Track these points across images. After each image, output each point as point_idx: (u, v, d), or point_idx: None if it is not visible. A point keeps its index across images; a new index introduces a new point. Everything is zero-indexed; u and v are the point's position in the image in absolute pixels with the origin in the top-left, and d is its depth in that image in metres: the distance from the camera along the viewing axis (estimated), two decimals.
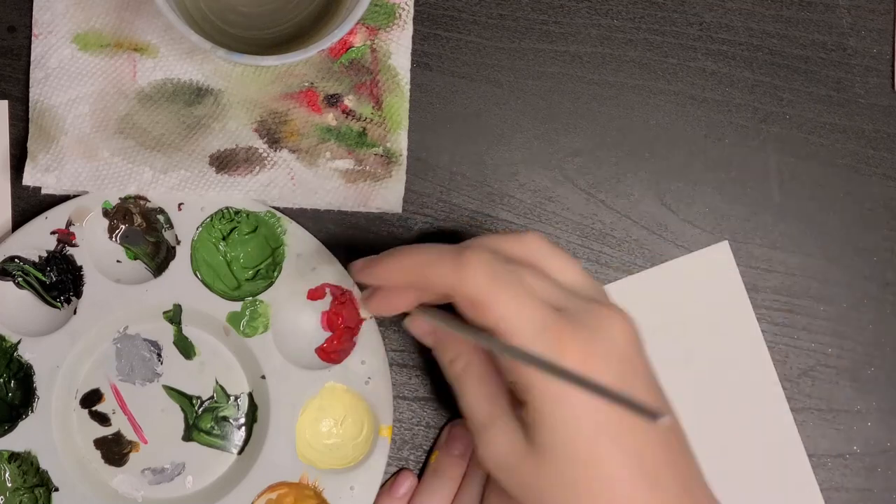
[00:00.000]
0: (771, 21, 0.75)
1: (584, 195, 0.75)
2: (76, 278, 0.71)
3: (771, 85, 0.75)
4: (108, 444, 0.72)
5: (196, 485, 0.72)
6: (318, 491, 0.71)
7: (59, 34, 0.71)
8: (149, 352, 0.72)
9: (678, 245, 0.75)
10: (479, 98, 0.74)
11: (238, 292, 0.72)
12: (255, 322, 0.71)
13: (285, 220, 0.72)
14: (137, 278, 0.72)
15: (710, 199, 0.75)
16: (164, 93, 0.72)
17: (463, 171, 0.74)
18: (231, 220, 0.72)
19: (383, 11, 0.73)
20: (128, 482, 0.72)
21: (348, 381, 0.72)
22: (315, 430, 0.72)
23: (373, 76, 0.73)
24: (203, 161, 0.71)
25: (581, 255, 0.74)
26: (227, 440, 0.72)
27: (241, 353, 0.72)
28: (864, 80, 0.75)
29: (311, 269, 0.72)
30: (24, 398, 0.71)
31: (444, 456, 0.72)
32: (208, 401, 0.72)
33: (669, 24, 0.75)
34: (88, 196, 0.71)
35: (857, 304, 0.75)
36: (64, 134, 0.71)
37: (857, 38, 0.76)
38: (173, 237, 0.71)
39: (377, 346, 0.72)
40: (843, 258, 0.75)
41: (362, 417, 0.72)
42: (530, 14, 0.75)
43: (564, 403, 0.58)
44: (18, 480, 0.71)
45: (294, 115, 0.72)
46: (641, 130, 0.75)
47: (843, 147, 0.75)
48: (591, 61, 0.75)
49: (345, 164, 0.72)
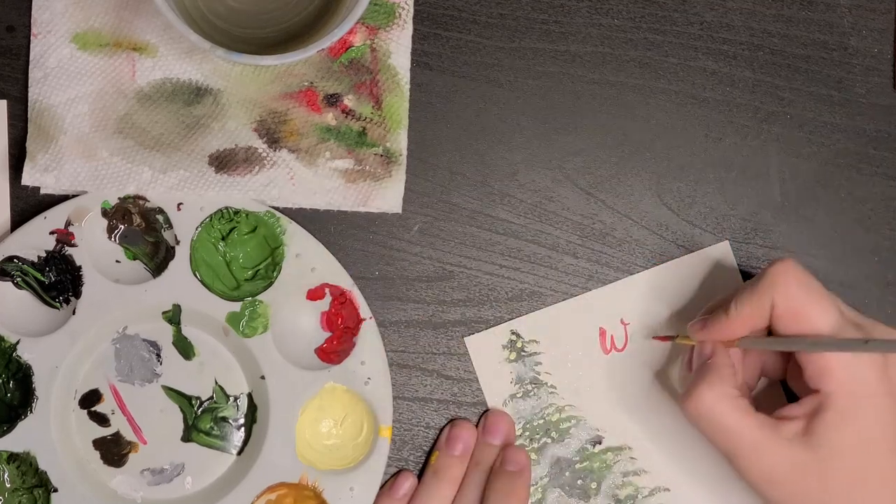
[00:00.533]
0: (772, 20, 0.75)
1: (585, 195, 0.74)
2: (75, 278, 0.71)
3: (772, 84, 0.75)
4: (108, 445, 0.72)
5: (195, 485, 0.72)
6: (317, 492, 0.71)
7: (57, 34, 0.71)
8: (148, 352, 0.72)
9: (679, 245, 0.74)
10: (479, 98, 0.74)
11: (237, 292, 0.72)
12: (255, 322, 0.71)
13: (284, 220, 0.72)
14: (136, 278, 0.71)
15: (710, 199, 0.75)
16: (164, 92, 0.71)
17: (463, 171, 0.74)
18: (230, 220, 0.72)
19: (383, 11, 0.73)
20: (127, 483, 0.72)
21: (348, 382, 0.71)
22: (315, 430, 0.72)
23: (372, 76, 0.73)
24: (202, 161, 0.71)
25: (581, 254, 0.74)
26: (227, 441, 0.72)
27: (241, 354, 0.72)
28: (865, 80, 0.75)
29: (311, 269, 0.72)
30: (23, 399, 0.71)
31: (444, 456, 0.72)
32: (207, 401, 0.72)
33: (670, 23, 0.75)
34: (87, 196, 0.71)
35: (859, 304, 0.74)
36: (63, 134, 0.71)
37: (858, 37, 0.75)
38: (172, 237, 0.71)
39: (377, 346, 0.72)
40: (845, 258, 0.75)
41: (362, 418, 0.72)
42: (530, 13, 0.74)
43: (867, 404, 0.63)
44: (17, 481, 0.71)
45: (294, 114, 0.72)
46: (642, 130, 0.75)
47: (844, 147, 0.75)
48: (591, 61, 0.75)
49: (344, 163, 0.72)
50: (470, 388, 0.74)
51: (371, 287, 0.73)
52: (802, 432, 0.63)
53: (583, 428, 0.74)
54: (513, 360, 0.74)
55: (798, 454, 0.63)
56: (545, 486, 0.74)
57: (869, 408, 0.63)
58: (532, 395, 0.74)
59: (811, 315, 0.63)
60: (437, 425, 0.74)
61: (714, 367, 0.66)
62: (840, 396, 0.63)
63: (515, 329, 0.74)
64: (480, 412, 0.74)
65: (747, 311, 0.65)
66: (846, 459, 0.63)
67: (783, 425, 0.64)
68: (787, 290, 0.64)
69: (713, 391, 0.64)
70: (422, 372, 0.73)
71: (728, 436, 0.64)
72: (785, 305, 0.64)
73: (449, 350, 0.74)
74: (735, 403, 0.64)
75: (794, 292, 0.64)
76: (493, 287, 0.74)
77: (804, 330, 0.64)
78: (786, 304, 0.64)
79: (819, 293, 0.64)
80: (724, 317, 0.66)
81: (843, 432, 0.63)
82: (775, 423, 0.64)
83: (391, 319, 0.73)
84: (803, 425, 0.64)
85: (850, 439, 0.63)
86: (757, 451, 0.64)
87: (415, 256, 0.74)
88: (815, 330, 0.63)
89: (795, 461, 0.63)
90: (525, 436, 0.74)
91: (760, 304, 0.64)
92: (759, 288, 0.65)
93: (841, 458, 0.63)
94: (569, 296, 0.74)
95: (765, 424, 0.64)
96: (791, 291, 0.64)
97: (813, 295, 0.64)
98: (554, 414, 0.74)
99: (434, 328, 0.74)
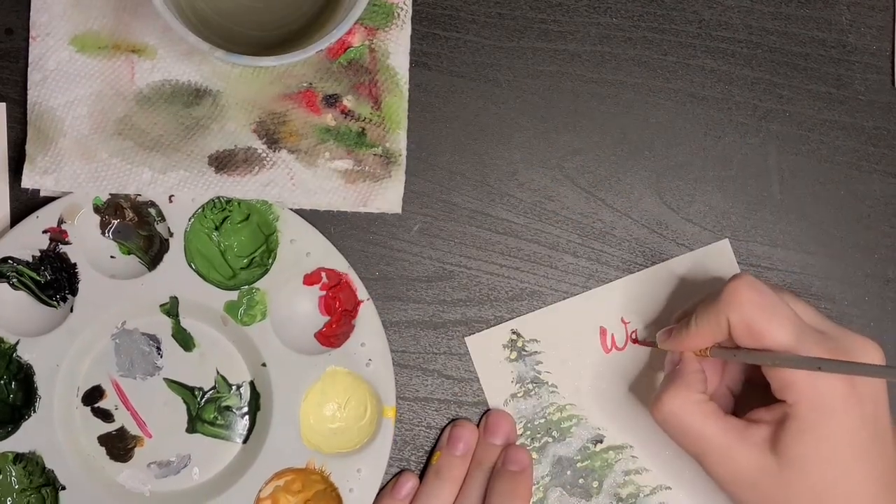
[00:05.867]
0: (770, 18, 0.75)
1: (584, 194, 0.74)
2: (71, 276, 0.71)
3: (770, 82, 0.75)
4: (113, 441, 0.72)
5: (203, 476, 0.72)
6: (325, 475, 0.71)
7: (56, 36, 0.71)
8: (148, 346, 0.72)
9: (679, 243, 0.74)
10: (478, 97, 0.74)
11: (234, 281, 0.72)
12: (253, 310, 0.71)
13: (277, 207, 0.72)
14: (132, 273, 0.72)
15: (710, 197, 0.75)
16: (163, 94, 0.72)
17: (463, 171, 0.74)
18: (223, 210, 0.72)
19: (381, 11, 0.73)
20: (134, 477, 0.72)
21: (349, 365, 0.72)
22: (319, 414, 0.72)
23: (371, 76, 0.73)
24: (202, 161, 0.71)
25: (581, 254, 0.74)
26: (231, 430, 0.72)
27: (241, 342, 0.72)
28: (864, 77, 0.75)
29: (306, 254, 0.72)
30: (25, 399, 0.71)
31: (446, 457, 0.72)
32: (210, 391, 0.72)
33: (668, 21, 0.75)
34: (79, 193, 0.71)
35: (859, 302, 0.75)
36: (62, 136, 0.71)
37: (856, 34, 0.75)
38: (166, 230, 0.71)
39: (376, 327, 0.72)
40: (844, 255, 0.75)
41: (365, 400, 0.72)
42: (529, 13, 0.74)
43: (831, 417, 0.63)
44: (25, 481, 0.71)
45: (293, 115, 0.72)
46: (641, 129, 0.75)
47: (844, 144, 0.75)
48: (590, 60, 0.75)
49: (344, 164, 0.72)
50: (471, 388, 0.74)
51: (371, 287, 0.73)
52: (770, 438, 0.64)
53: (584, 427, 0.74)
54: (513, 359, 0.74)
55: (764, 459, 0.64)
56: (547, 486, 0.74)
57: (833, 421, 0.63)
58: (533, 394, 0.74)
59: (766, 332, 0.64)
60: (438, 425, 0.74)
61: (681, 373, 0.67)
62: (802, 408, 0.63)
63: (516, 328, 0.74)
64: (482, 412, 0.74)
65: (705, 327, 0.66)
66: (809, 471, 0.63)
67: (752, 429, 0.64)
68: (741, 308, 0.64)
69: (679, 396, 0.65)
70: (423, 372, 0.74)
71: (693, 440, 0.65)
72: (740, 322, 0.64)
73: (450, 350, 0.74)
74: (701, 408, 0.65)
75: (748, 309, 0.64)
76: (494, 286, 0.74)
77: (761, 346, 0.64)
78: (740, 322, 0.64)
79: (773, 310, 0.64)
80: (686, 330, 0.67)
81: (805, 444, 0.63)
82: (744, 427, 0.65)
83: (391, 319, 0.73)
84: (771, 431, 0.64)
85: (812, 451, 0.63)
86: (723, 455, 0.64)
87: (415, 256, 0.74)
88: (772, 345, 0.64)
89: (761, 466, 0.64)
90: (526, 435, 0.74)
91: (717, 320, 0.65)
92: (715, 305, 0.65)
93: (803, 469, 0.63)
94: (569, 295, 0.74)
95: (731, 428, 0.64)
96: (745, 309, 0.64)
97: (767, 312, 0.64)
98: (555, 413, 0.74)
99: (434, 328, 0.74)
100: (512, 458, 0.72)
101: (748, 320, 0.64)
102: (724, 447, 0.64)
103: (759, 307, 0.64)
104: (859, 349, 0.65)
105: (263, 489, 0.71)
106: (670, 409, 0.65)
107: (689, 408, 0.65)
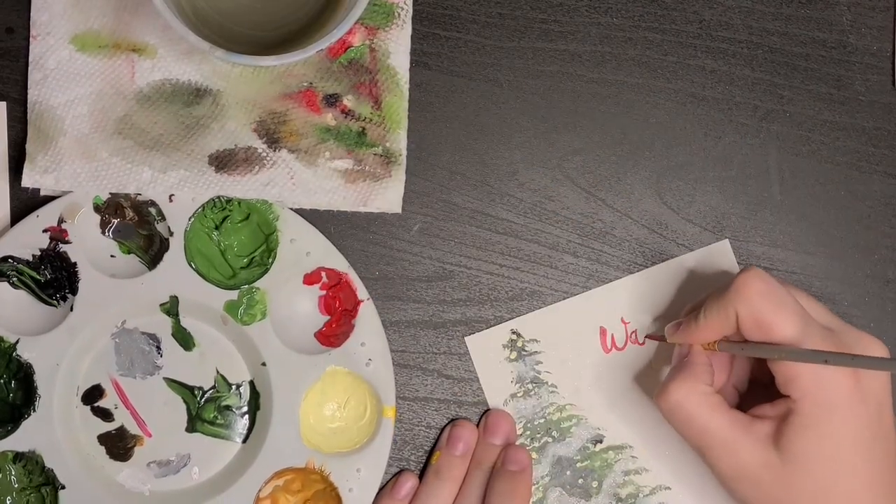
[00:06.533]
0: (771, 18, 0.75)
1: (585, 194, 0.74)
2: (71, 275, 0.71)
3: (771, 83, 0.75)
4: (112, 440, 0.72)
5: (202, 475, 0.72)
6: (324, 475, 0.71)
7: (57, 35, 0.71)
8: (148, 345, 0.72)
9: (679, 244, 0.74)
10: (478, 97, 0.74)
11: (234, 281, 0.72)
12: (253, 309, 0.71)
13: (277, 207, 0.72)
14: (132, 272, 0.72)
15: (710, 198, 0.75)
16: (163, 93, 0.72)
17: (463, 171, 0.74)
18: (223, 209, 0.72)
19: (382, 11, 0.73)
20: (134, 476, 0.72)
21: (349, 364, 0.72)
22: (318, 414, 0.72)
23: (372, 76, 0.73)
24: (202, 161, 0.71)
25: (581, 254, 0.74)
26: (231, 429, 0.72)
27: (241, 342, 0.72)
28: (865, 78, 0.75)
29: (306, 253, 0.72)
30: (25, 398, 0.71)
31: (446, 456, 0.72)
32: (210, 391, 0.72)
33: (669, 22, 0.75)
34: (79, 192, 0.71)
35: (859, 303, 0.75)
36: (63, 135, 0.71)
37: (857, 35, 0.75)
38: (166, 229, 0.71)
39: (376, 327, 0.72)
40: (844, 256, 0.75)
41: (365, 399, 0.72)
42: (529, 13, 0.74)
43: (834, 413, 0.63)
44: (24, 480, 0.71)
45: (293, 115, 0.72)
46: (641, 129, 0.75)
47: (844, 144, 0.75)
48: (590, 60, 0.75)
49: (344, 164, 0.72)
50: (471, 388, 0.74)
51: (371, 287, 0.73)
52: (773, 433, 0.64)
53: (584, 427, 0.74)
54: (513, 359, 0.74)
55: (767, 455, 0.64)
56: (546, 486, 0.74)
57: (837, 417, 0.63)
58: (533, 394, 0.74)
59: (773, 324, 0.64)
60: (438, 425, 0.74)
61: (688, 364, 0.67)
62: (806, 404, 0.63)
63: (516, 328, 0.74)
64: (481, 412, 0.74)
65: (714, 320, 0.66)
66: (812, 467, 0.63)
67: (756, 424, 0.64)
68: (750, 301, 0.64)
69: (685, 387, 0.65)
70: (422, 372, 0.74)
71: (697, 431, 0.65)
72: (748, 315, 0.64)
73: (449, 350, 0.74)
74: (706, 400, 0.65)
75: (757, 302, 0.64)
76: (494, 286, 0.74)
77: (768, 338, 0.64)
78: (749, 314, 0.64)
79: (781, 303, 0.64)
80: (695, 323, 0.67)
81: (808, 440, 0.63)
82: (748, 422, 0.65)
83: (391, 319, 0.73)
84: (775, 426, 0.64)
85: (814, 448, 0.63)
86: (727, 448, 0.64)
87: (415, 256, 0.74)
88: (778, 339, 0.64)
89: (764, 461, 0.63)
90: (526, 435, 0.74)
91: (726, 313, 0.65)
92: (723, 298, 0.65)
93: (806, 466, 0.63)
94: (569, 295, 0.74)
95: (736, 422, 0.64)
96: (753, 301, 0.64)
97: (775, 304, 0.64)
98: (555, 413, 0.74)
99: (434, 328, 0.74)
100: (511, 457, 0.72)
101: (756, 313, 0.64)
102: (729, 441, 0.64)
103: (767, 300, 0.64)
104: (864, 345, 0.65)
105: (263, 489, 0.71)
106: (676, 399, 0.65)
107: (694, 398, 0.65)
